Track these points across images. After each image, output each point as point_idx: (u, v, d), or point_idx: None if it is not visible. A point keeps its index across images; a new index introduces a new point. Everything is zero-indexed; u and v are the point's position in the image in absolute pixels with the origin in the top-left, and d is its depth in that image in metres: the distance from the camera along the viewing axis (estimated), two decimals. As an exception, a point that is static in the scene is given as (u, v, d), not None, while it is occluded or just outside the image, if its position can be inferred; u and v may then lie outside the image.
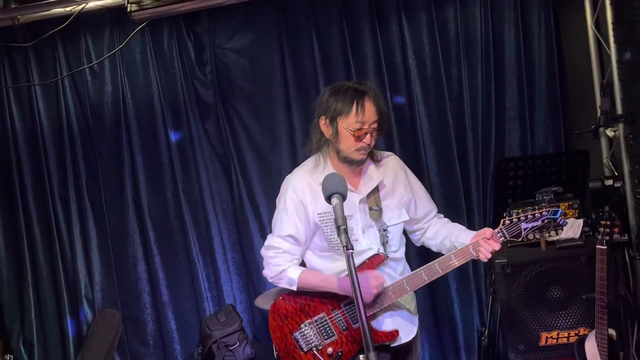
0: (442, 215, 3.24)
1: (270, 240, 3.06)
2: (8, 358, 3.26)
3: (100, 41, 4.23)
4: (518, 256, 3.78)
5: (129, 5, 3.77)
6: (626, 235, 3.77)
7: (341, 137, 2.90)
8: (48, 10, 3.83)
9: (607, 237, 3.44)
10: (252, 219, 4.38)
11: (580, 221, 3.78)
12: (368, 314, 2.92)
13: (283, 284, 3.02)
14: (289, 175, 3.07)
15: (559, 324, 3.85)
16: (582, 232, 3.75)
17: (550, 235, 3.78)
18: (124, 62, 4.27)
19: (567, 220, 3.83)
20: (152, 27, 4.22)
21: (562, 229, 3.76)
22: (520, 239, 2.92)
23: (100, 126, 4.32)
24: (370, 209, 3.00)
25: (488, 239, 2.85)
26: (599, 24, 3.91)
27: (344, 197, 2.51)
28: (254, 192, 4.31)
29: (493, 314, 4.29)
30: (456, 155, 4.37)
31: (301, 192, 2.96)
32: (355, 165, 2.97)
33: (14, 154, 4.35)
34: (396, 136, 4.34)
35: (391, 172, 3.09)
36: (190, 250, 4.42)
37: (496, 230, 2.89)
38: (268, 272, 3.05)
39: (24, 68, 4.26)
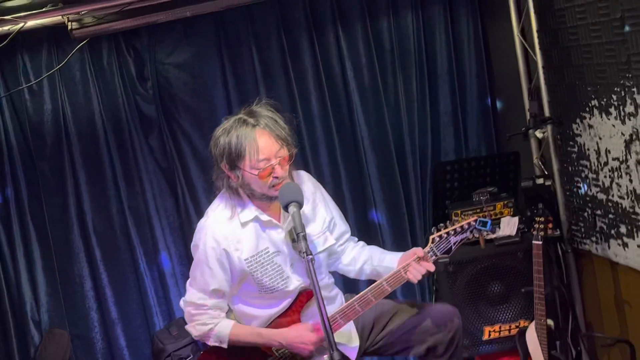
0: (356, 238, 3.07)
1: (191, 294, 2.79)
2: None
3: (38, 60, 4.17)
4: (459, 254, 3.94)
5: (70, 23, 3.77)
6: (558, 230, 4.01)
7: (250, 180, 2.65)
8: (-16, 30, 3.78)
9: (542, 233, 3.64)
10: (199, 232, 4.39)
11: (516, 219, 3.98)
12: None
13: (212, 342, 2.81)
14: (204, 221, 2.77)
15: (500, 318, 4.03)
16: (518, 229, 3.96)
17: (488, 234, 4.03)
18: (63, 79, 4.21)
19: (503, 218, 4.06)
20: (91, 44, 4.17)
21: (500, 227, 4.01)
22: (450, 254, 2.85)
23: (41, 145, 4.25)
24: (294, 240, 2.67)
25: (420, 260, 2.72)
26: (525, 31, 4.11)
27: (300, 205, 2.57)
28: (200, 206, 4.32)
29: (437, 312, 4.44)
30: (395, 161, 4.51)
31: (223, 239, 2.70)
32: (275, 199, 2.68)
33: (-49, 176, 4.25)
34: (338, 145, 4.46)
35: (309, 195, 2.85)
36: (137, 265, 4.39)
37: (427, 250, 2.77)
38: (192, 331, 2.82)
39: (-41, 89, 4.18)
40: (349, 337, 2.96)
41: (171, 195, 4.44)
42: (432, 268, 2.73)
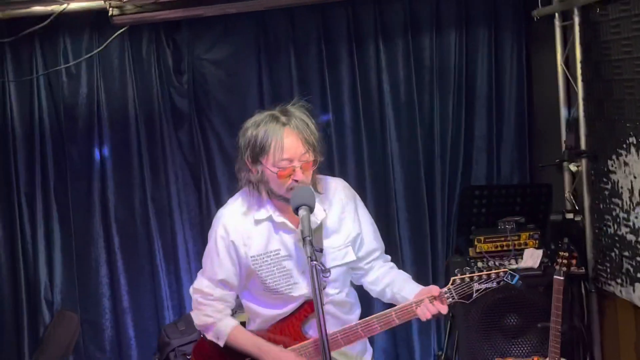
0: (389, 258, 2.91)
1: (200, 282, 2.75)
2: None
3: (79, 43, 4.23)
4: (478, 282, 3.85)
5: (111, 9, 3.82)
6: (583, 268, 3.87)
7: (269, 178, 2.57)
8: (28, 8, 3.85)
9: (565, 269, 3.52)
10: (218, 230, 4.37)
11: (540, 251, 3.86)
12: None
13: (210, 336, 2.75)
14: (222, 209, 2.76)
15: (513, 351, 3.91)
16: (541, 262, 3.84)
17: (509, 264, 3.92)
18: (100, 65, 4.27)
19: (526, 250, 3.95)
20: (132, 33, 4.23)
21: (522, 258, 3.90)
22: (469, 301, 2.66)
23: (73, 127, 4.30)
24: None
25: (434, 299, 2.57)
26: (569, 61, 4.02)
27: (311, 209, 2.49)
28: (222, 203, 4.26)
29: (451, 339, 4.34)
30: (424, 181, 4.44)
31: (233, 231, 2.65)
32: None
33: (-19, 148, 4.32)
34: (366, 158, 4.42)
35: (338, 206, 2.72)
36: (154, 257, 4.40)
37: (444, 290, 2.60)
38: (195, 319, 2.79)
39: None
40: None
41: (195, 190, 4.44)
42: (444, 310, 2.57)
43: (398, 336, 4.53)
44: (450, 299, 2.61)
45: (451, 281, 2.63)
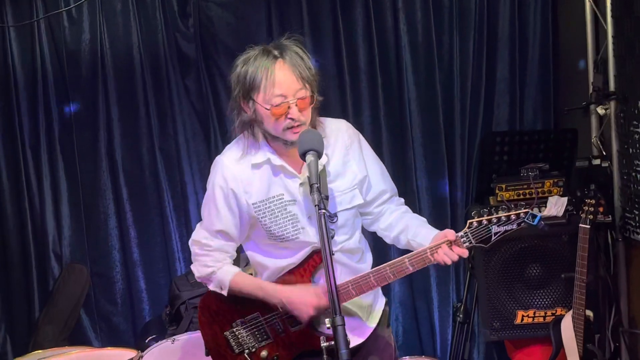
0: (402, 201, 2.79)
1: (198, 233, 2.66)
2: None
3: (80, -15, 4.06)
4: (499, 231, 3.69)
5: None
6: (610, 216, 3.70)
7: (263, 117, 2.43)
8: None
9: (591, 216, 3.35)
10: (229, 180, 4.25)
11: (565, 199, 3.69)
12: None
13: (212, 287, 2.67)
14: (218, 157, 2.61)
15: (536, 303, 3.78)
16: (566, 210, 3.67)
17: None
18: (103, 9, 4.09)
19: (551, 197, 3.77)
20: (134, -26, 4.06)
21: (546, 206, 3.73)
22: (488, 245, 2.48)
23: (76, 75, 4.15)
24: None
25: (452, 245, 2.43)
26: (597, -2, 3.80)
27: (319, 155, 2.34)
28: (233, 153, 4.16)
29: (470, 290, 4.22)
30: (442, 127, 4.25)
31: (232, 179, 2.53)
32: (292, 145, 2.46)
33: (-17, 97, 4.19)
34: (382, 104, 4.22)
35: (341, 148, 2.60)
36: (164, 208, 4.28)
37: (460, 234, 2.45)
38: (195, 271, 2.70)
39: (-2, 8, 4.09)
40: (368, 313, 2.73)
41: (204, 139, 4.30)
42: (465, 254, 2.43)
43: (416, 288, 4.40)
44: (468, 243, 2.45)
45: (467, 224, 2.47)
